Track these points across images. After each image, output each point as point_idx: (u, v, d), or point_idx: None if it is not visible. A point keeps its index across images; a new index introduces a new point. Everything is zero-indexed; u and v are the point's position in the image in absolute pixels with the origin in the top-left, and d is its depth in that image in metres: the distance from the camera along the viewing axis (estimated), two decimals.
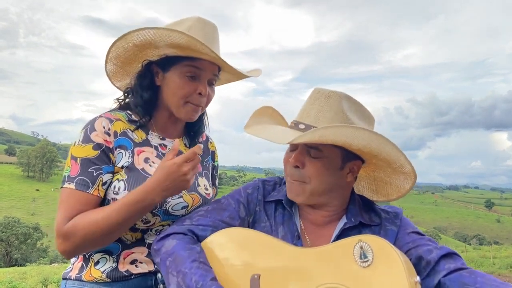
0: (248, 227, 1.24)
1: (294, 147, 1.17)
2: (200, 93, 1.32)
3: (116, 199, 1.26)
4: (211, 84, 1.38)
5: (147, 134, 1.38)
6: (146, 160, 1.33)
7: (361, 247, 0.98)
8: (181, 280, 1.05)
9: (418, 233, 1.16)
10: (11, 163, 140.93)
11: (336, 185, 1.16)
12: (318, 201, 1.17)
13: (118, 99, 1.43)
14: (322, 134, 1.03)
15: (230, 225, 1.21)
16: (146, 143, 1.36)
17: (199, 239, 1.20)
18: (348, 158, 1.15)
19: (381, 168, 1.22)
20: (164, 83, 1.34)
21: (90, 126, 1.28)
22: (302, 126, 1.14)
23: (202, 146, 1.27)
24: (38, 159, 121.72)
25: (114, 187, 1.27)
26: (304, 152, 1.14)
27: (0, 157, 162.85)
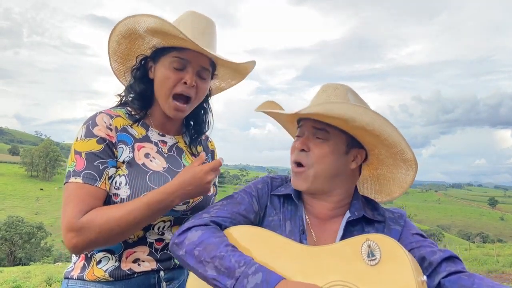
0: (259, 221, 1.26)
1: (301, 135, 1.22)
2: (185, 82, 1.31)
3: (117, 194, 1.25)
4: (201, 77, 1.36)
5: (147, 130, 1.39)
6: (147, 155, 1.34)
7: (369, 246, 0.98)
8: (218, 264, 1.03)
9: (422, 235, 1.19)
10: (14, 163, 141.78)
11: (340, 170, 1.19)
12: (322, 187, 1.19)
13: (119, 95, 1.44)
14: (330, 108, 1.09)
15: (246, 217, 1.23)
16: (146, 139, 1.37)
17: (221, 229, 1.20)
18: (352, 145, 1.20)
19: (383, 162, 1.26)
20: (155, 75, 1.36)
21: (91, 121, 1.28)
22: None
23: (223, 159, 1.33)
24: (42, 158, 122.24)
25: (115, 182, 1.26)
26: (311, 137, 1.19)
27: (4, 157, 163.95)
